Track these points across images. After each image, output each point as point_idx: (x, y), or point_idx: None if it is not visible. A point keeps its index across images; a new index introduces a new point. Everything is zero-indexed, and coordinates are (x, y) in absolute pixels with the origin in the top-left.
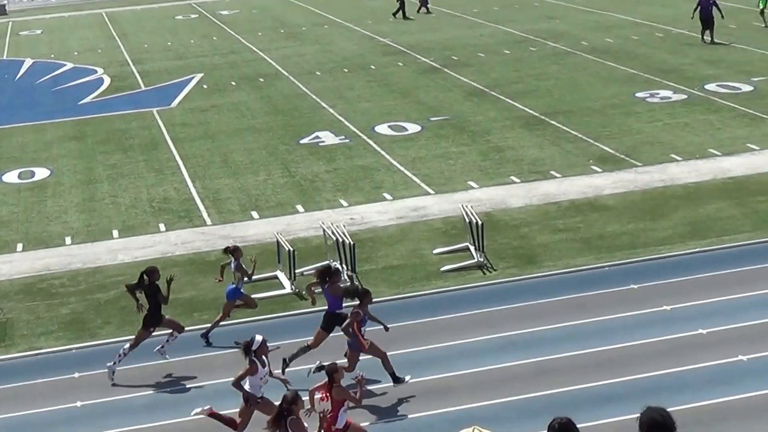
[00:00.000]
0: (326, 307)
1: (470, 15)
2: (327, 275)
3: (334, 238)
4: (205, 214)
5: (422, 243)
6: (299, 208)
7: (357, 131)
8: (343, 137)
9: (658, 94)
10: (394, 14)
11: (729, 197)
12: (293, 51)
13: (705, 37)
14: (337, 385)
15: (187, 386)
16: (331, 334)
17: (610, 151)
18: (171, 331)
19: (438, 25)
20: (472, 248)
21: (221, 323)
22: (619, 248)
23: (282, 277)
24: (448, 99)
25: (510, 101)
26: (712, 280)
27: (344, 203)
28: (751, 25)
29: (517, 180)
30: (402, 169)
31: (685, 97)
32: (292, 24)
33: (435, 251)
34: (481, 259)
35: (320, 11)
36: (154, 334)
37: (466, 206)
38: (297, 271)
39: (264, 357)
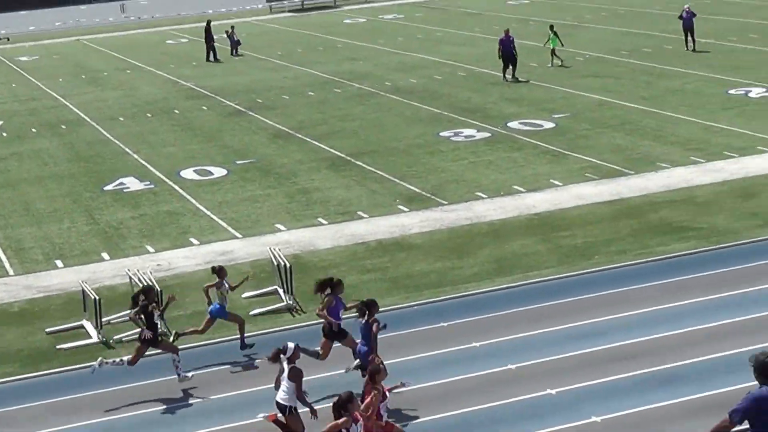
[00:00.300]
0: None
1: (274, 58)
2: (329, 286)
3: (141, 285)
4: (7, 264)
5: None
6: (105, 255)
7: (162, 176)
8: (147, 183)
9: (462, 132)
10: (216, 59)
11: (534, 233)
12: (95, 96)
13: (507, 76)
14: (378, 386)
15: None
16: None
17: (416, 190)
18: (171, 354)
19: (242, 68)
20: (280, 291)
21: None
22: (427, 287)
23: (88, 326)
24: (254, 142)
25: (315, 143)
26: (520, 316)
27: (151, 249)
28: (552, 63)
29: (325, 221)
30: (208, 213)
31: (488, 135)
32: (94, 69)
33: (244, 295)
34: (290, 302)
35: (122, 56)
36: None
37: (274, 249)
38: (104, 319)
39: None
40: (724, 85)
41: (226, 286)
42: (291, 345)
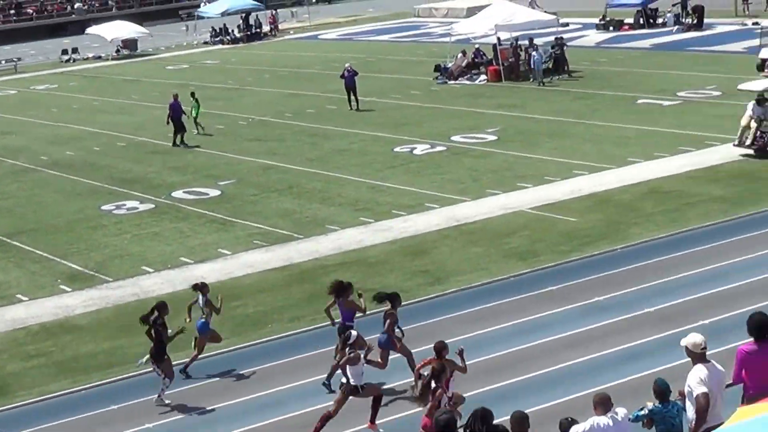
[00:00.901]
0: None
1: None
2: (341, 290)
3: None
4: None
5: None
6: None
7: None
8: None
9: (125, 205)
10: None
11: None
12: None
13: (176, 141)
14: (446, 360)
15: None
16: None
17: (79, 268)
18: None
19: None
20: None
21: (199, 357)
22: (95, 369)
23: None
24: None
25: None
26: (195, 392)
27: None
28: (214, 128)
29: None
30: None
31: (152, 206)
32: None
33: None
34: None
35: None
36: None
37: None
38: None
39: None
40: (390, 143)
41: (209, 301)
42: (354, 333)
